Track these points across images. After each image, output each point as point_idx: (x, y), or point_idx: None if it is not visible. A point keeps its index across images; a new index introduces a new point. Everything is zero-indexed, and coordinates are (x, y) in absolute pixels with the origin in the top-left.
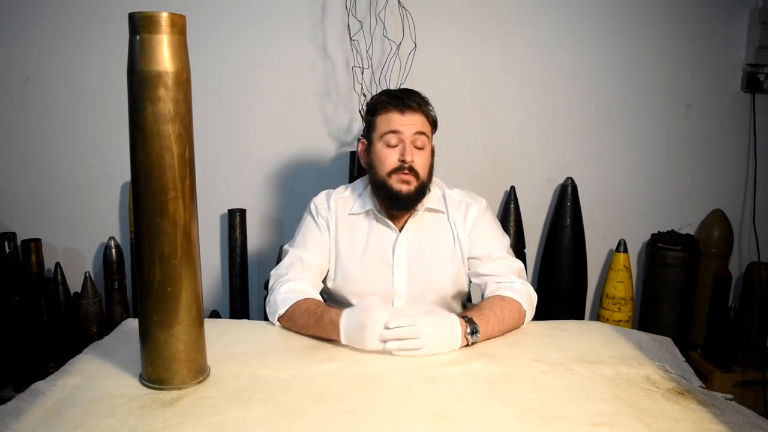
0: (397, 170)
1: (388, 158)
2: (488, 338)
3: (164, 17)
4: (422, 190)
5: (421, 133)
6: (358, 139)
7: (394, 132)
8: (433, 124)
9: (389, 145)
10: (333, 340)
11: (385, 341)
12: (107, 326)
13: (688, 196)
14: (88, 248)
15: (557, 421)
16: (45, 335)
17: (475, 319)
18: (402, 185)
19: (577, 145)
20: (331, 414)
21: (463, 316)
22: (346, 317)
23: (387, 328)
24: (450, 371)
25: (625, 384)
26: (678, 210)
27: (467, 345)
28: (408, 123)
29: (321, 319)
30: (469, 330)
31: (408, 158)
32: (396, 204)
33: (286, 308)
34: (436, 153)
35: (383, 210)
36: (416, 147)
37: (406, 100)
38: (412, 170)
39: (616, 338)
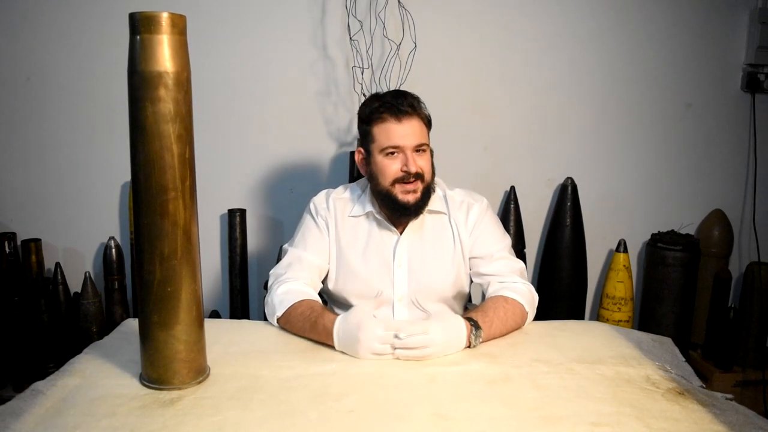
0: (400, 180)
1: (390, 168)
2: (490, 339)
3: (164, 17)
4: (428, 193)
5: (422, 143)
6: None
7: (394, 146)
8: (428, 123)
9: (390, 155)
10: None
11: (395, 349)
12: (107, 326)
13: (688, 196)
14: (88, 248)
15: (557, 421)
16: (45, 335)
17: (480, 323)
18: (408, 195)
19: (577, 145)
20: (331, 414)
21: (467, 318)
22: (339, 326)
23: (398, 337)
24: (450, 371)
25: (625, 384)
26: (678, 210)
27: (469, 346)
28: (407, 132)
29: (315, 324)
30: (473, 334)
31: (412, 169)
32: (404, 214)
33: (284, 310)
34: (436, 154)
35: (384, 213)
36: (417, 151)
37: (400, 105)
38: (418, 175)
39: (616, 338)
